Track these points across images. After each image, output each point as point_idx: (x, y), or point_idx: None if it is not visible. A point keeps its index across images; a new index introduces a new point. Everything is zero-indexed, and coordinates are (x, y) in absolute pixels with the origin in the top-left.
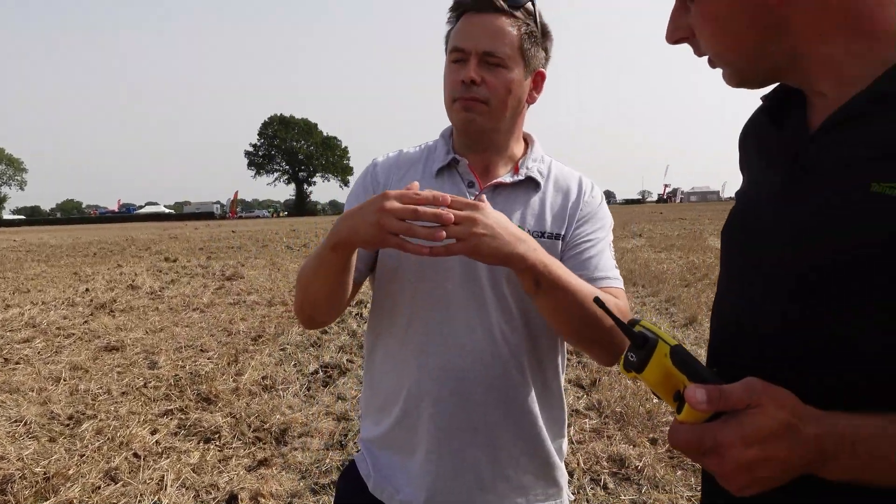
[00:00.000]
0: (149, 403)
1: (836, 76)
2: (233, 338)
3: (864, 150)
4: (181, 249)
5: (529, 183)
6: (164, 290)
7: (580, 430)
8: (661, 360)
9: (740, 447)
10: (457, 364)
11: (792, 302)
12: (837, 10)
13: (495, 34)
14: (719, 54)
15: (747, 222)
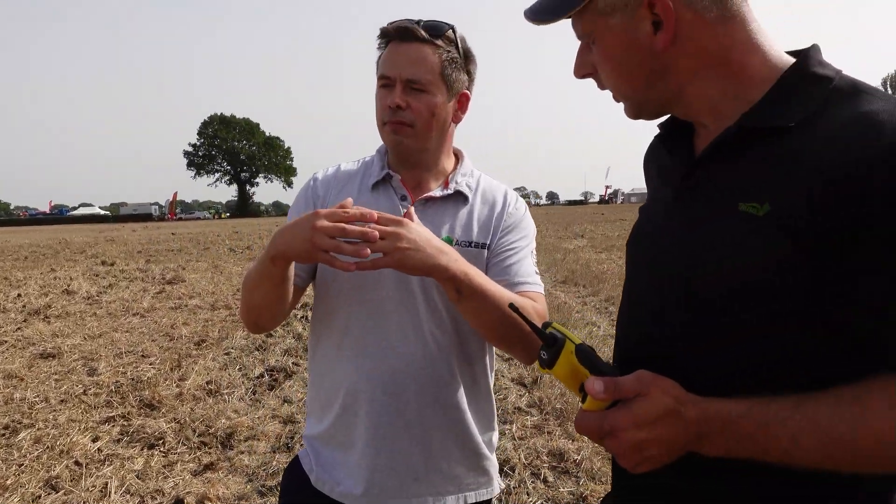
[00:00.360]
0: (89, 411)
1: (713, 111)
2: (175, 343)
3: (733, 175)
4: (119, 252)
5: (458, 196)
6: (101, 295)
7: (522, 427)
8: (568, 357)
9: (632, 430)
10: (390, 365)
11: (678, 310)
12: (712, 56)
13: (417, 62)
14: (616, 89)
15: (644, 236)
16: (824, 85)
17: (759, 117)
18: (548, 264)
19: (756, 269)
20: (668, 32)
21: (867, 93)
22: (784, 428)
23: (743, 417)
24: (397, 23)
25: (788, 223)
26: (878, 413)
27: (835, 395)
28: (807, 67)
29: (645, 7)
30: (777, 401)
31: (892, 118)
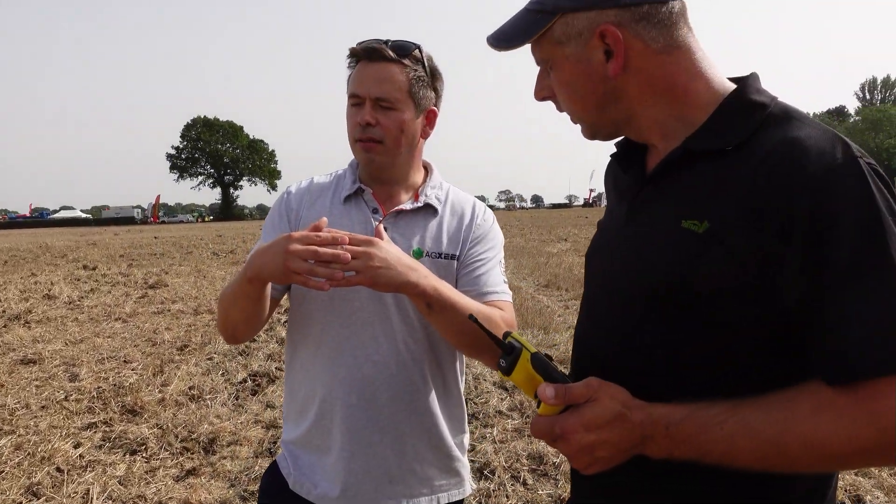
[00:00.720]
0: (71, 417)
1: (661, 133)
2: (157, 348)
3: (678, 193)
4: (100, 257)
5: (428, 209)
6: (83, 300)
7: (503, 430)
8: (525, 365)
9: (581, 433)
10: (364, 373)
11: (629, 321)
12: (660, 83)
13: (385, 81)
14: (572, 112)
15: (599, 250)
16: (760, 111)
17: (701, 140)
18: (531, 268)
19: (698, 283)
20: (618, 61)
21: (797, 119)
22: (721, 431)
23: (684, 420)
24: (365, 43)
25: (725, 240)
26: (803, 417)
27: (767, 400)
28: (745, 94)
29: (597, 37)
30: (716, 405)
31: (817, 144)
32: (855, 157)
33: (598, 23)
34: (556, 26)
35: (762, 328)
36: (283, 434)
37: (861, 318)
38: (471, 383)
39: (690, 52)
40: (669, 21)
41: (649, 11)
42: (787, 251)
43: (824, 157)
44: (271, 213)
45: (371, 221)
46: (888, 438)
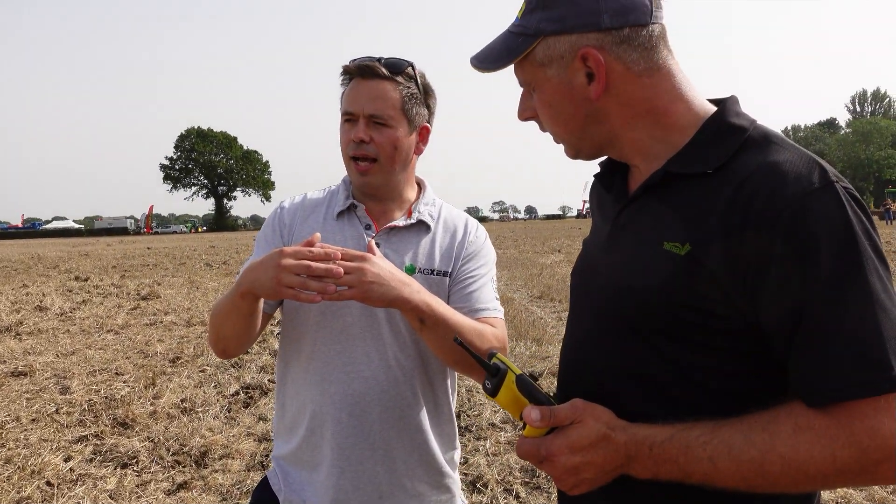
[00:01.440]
0: (61, 430)
1: (643, 154)
2: (149, 360)
3: (660, 215)
4: (93, 267)
5: (421, 225)
6: (75, 312)
7: (496, 443)
8: (510, 387)
9: (567, 454)
10: (355, 389)
11: (612, 340)
12: (641, 105)
13: (379, 98)
14: (555, 133)
15: (583, 269)
16: (739, 134)
17: (681, 163)
18: (524, 280)
19: (679, 304)
20: (600, 83)
21: (776, 143)
22: (703, 451)
23: (667, 441)
24: (359, 61)
25: (705, 262)
26: (784, 438)
27: (748, 421)
28: (725, 117)
29: (578, 60)
30: (698, 426)
31: (795, 168)
32: (832, 181)
33: (579, 46)
34: (538, 49)
35: (742, 350)
36: (274, 449)
37: (839, 340)
38: (463, 395)
39: (671, 74)
40: (650, 44)
41: (630, 35)
42: (766, 274)
43: (801, 182)
44: (264, 227)
45: (364, 237)
46: (869, 458)
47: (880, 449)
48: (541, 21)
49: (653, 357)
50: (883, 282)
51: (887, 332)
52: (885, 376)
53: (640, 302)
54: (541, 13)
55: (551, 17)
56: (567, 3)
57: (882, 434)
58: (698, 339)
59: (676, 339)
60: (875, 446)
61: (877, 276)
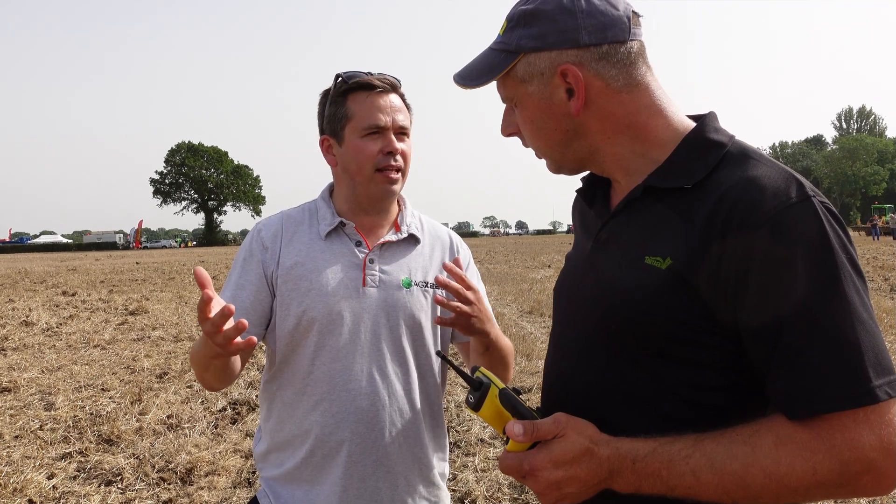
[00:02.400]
0: (45, 447)
1: (623, 169)
2: (136, 375)
3: (641, 229)
4: (81, 282)
5: (411, 239)
6: (61, 327)
7: (484, 459)
8: (493, 401)
9: (550, 469)
10: (358, 407)
11: (596, 352)
12: (620, 120)
13: (400, 111)
14: (537, 148)
15: (567, 282)
16: (718, 150)
17: (662, 178)
18: (514, 295)
19: (662, 318)
20: (579, 99)
21: (754, 158)
22: (686, 465)
23: (649, 455)
24: (378, 76)
25: (686, 276)
26: (765, 451)
27: (729, 434)
28: (704, 133)
29: (559, 76)
30: (680, 440)
31: (773, 183)
32: (809, 195)
33: (559, 62)
34: (519, 65)
35: (723, 364)
36: (263, 471)
37: (818, 353)
38: (453, 411)
39: (650, 90)
40: (628, 60)
41: (608, 51)
42: (745, 288)
43: (779, 196)
44: (242, 250)
45: (356, 254)
46: (850, 471)
47: (860, 461)
48: (521, 38)
49: (635, 371)
50: (860, 295)
51: (864, 344)
52: (864, 389)
53: (623, 317)
54: (521, 30)
55: (531, 35)
56: (547, 20)
57: (862, 446)
58: (679, 353)
59: (658, 354)
60: (855, 458)
61: (854, 289)
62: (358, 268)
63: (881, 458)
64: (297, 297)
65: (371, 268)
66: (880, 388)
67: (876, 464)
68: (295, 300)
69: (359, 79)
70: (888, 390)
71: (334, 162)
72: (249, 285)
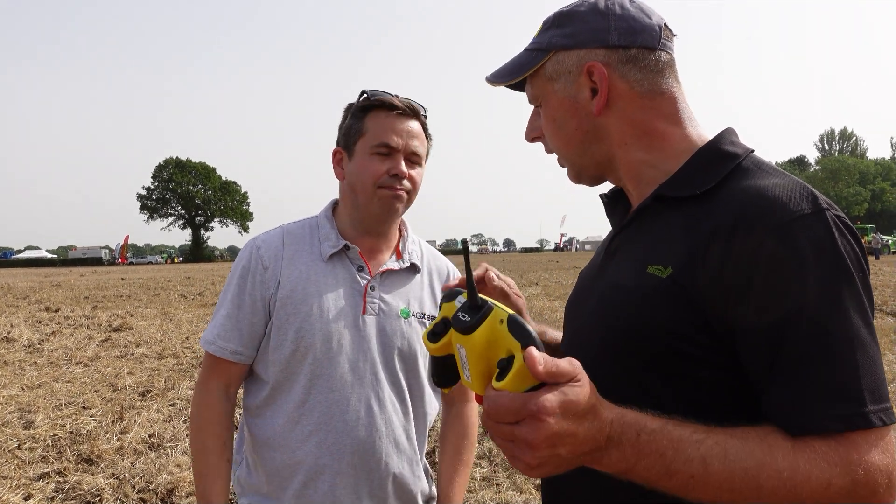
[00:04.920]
0: (23, 466)
1: (637, 178)
2: (118, 393)
3: (647, 239)
4: (64, 298)
5: (412, 268)
6: (43, 343)
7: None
8: (495, 325)
9: (559, 415)
10: (354, 437)
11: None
12: (639, 126)
13: (417, 137)
14: (557, 149)
15: (575, 297)
16: (731, 160)
17: (672, 187)
18: None
19: (660, 328)
20: (602, 98)
21: (767, 171)
22: (696, 450)
23: (658, 431)
24: (401, 99)
25: (686, 285)
26: (784, 453)
27: (743, 431)
28: (719, 145)
29: (584, 74)
30: (691, 424)
31: (785, 193)
32: (822, 208)
33: (586, 60)
34: (548, 63)
35: (718, 381)
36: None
37: (817, 372)
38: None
39: (674, 101)
40: (656, 68)
41: (636, 55)
42: (748, 294)
43: (791, 206)
44: (240, 270)
45: (358, 280)
46: (858, 493)
47: (867, 485)
48: (553, 37)
49: (629, 384)
50: (865, 314)
51: (863, 367)
52: (858, 412)
53: (620, 327)
54: (555, 30)
55: (563, 34)
56: (579, 20)
57: (876, 468)
58: (678, 369)
59: (655, 369)
60: (865, 481)
61: (859, 308)
62: (359, 294)
63: (885, 485)
64: (295, 321)
65: (372, 295)
66: (874, 414)
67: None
68: (293, 325)
69: (381, 97)
70: (883, 417)
71: (342, 176)
72: (246, 305)
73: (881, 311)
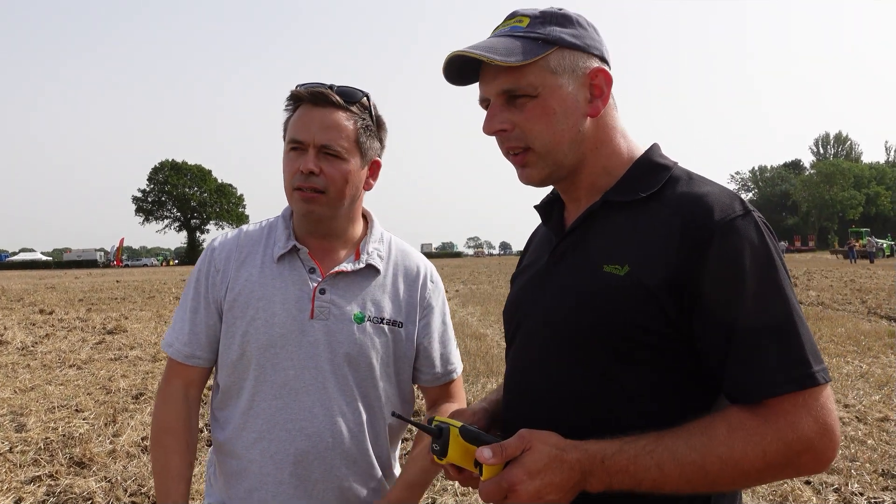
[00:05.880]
0: (14, 470)
1: (592, 185)
2: (112, 396)
3: (598, 242)
4: (59, 300)
5: (370, 269)
6: (36, 346)
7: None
8: (457, 440)
9: (527, 480)
10: (298, 447)
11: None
12: (608, 133)
13: (331, 128)
14: (544, 143)
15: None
16: (665, 171)
17: (618, 192)
18: (497, 315)
19: (622, 323)
20: (603, 101)
21: (698, 179)
22: (651, 459)
23: (617, 453)
24: (310, 86)
25: (645, 281)
26: (720, 440)
27: (687, 428)
28: (653, 157)
29: (589, 77)
30: (643, 437)
31: (720, 199)
32: (750, 210)
33: (591, 64)
34: (551, 57)
35: (679, 367)
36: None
37: (766, 344)
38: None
39: (617, 113)
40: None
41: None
42: (701, 289)
43: (727, 209)
44: (195, 275)
45: (308, 282)
46: (792, 451)
47: (801, 441)
48: (561, 33)
49: (595, 378)
50: (794, 295)
51: (804, 335)
52: (807, 373)
53: (584, 325)
54: (558, 27)
55: (570, 33)
56: (580, 27)
57: (802, 427)
58: (639, 357)
59: (619, 359)
60: (796, 439)
61: (790, 288)
62: (307, 298)
63: (818, 438)
64: (241, 325)
65: (321, 299)
66: (818, 373)
67: (813, 443)
68: (240, 329)
69: (294, 89)
70: (824, 376)
71: None
72: (202, 308)
73: (876, 315)
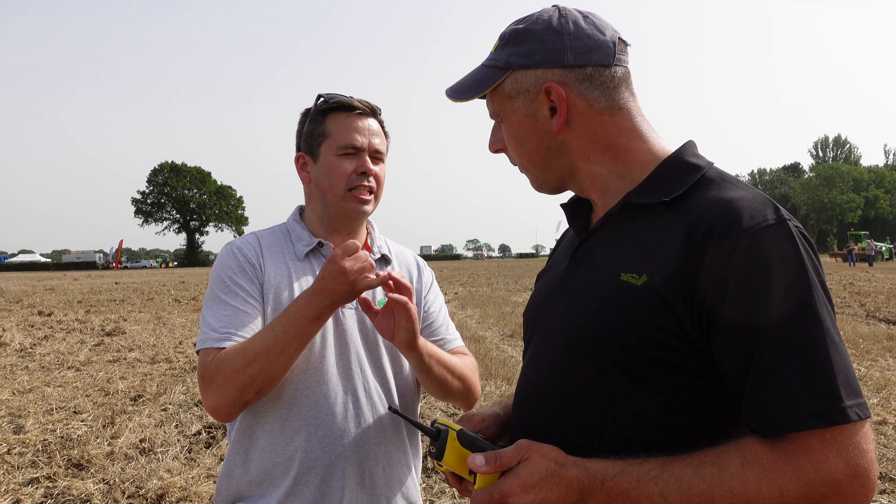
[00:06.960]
0: (12, 472)
1: (601, 189)
2: (110, 398)
3: (617, 247)
4: (57, 302)
5: (383, 260)
6: (35, 347)
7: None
8: (454, 444)
9: (520, 493)
10: (342, 429)
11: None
12: (601, 140)
13: (378, 135)
14: (521, 164)
15: (540, 303)
16: (696, 171)
17: (640, 195)
18: (496, 318)
19: (636, 335)
20: (561, 117)
21: (731, 182)
22: (655, 486)
23: (619, 475)
24: (359, 99)
25: (661, 292)
26: (733, 472)
27: (697, 456)
28: (683, 157)
29: (543, 94)
30: (649, 461)
31: (750, 205)
32: (784, 218)
33: (544, 80)
34: (507, 81)
35: (694, 385)
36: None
37: (791, 371)
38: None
39: (631, 114)
40: (612, 84)
41: (592, 73)
42: (721, 305)
43: (757, 217)
44: (222, 271)
45: None
46: (815, 493)
47: (826, 484)
48: (510, 55)
49: (603, 393)
50: (831, 316)
51: (837, 364)
52: (836, 408)
53: (595, 333)
54: (511, 48)
55: (520, 52)
56: (535, 39)
57: (828, 467)
58: (652, 373)
59: (630, 374)
60: (821, 481)
61: (826, 310)
62: None
63: (847, 482)
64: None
65: None
66: (851, 409)
67: (842, 486)
68: None
69: (339, 99)
70: (858, 412)
71: (308, 179)
72: (250, 298)
73: (874, 318)
